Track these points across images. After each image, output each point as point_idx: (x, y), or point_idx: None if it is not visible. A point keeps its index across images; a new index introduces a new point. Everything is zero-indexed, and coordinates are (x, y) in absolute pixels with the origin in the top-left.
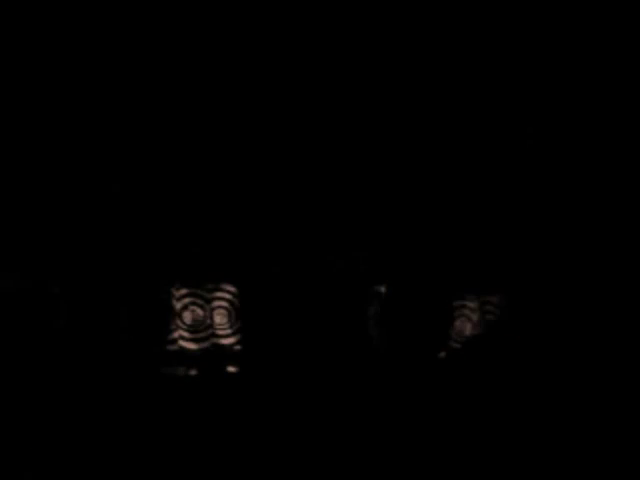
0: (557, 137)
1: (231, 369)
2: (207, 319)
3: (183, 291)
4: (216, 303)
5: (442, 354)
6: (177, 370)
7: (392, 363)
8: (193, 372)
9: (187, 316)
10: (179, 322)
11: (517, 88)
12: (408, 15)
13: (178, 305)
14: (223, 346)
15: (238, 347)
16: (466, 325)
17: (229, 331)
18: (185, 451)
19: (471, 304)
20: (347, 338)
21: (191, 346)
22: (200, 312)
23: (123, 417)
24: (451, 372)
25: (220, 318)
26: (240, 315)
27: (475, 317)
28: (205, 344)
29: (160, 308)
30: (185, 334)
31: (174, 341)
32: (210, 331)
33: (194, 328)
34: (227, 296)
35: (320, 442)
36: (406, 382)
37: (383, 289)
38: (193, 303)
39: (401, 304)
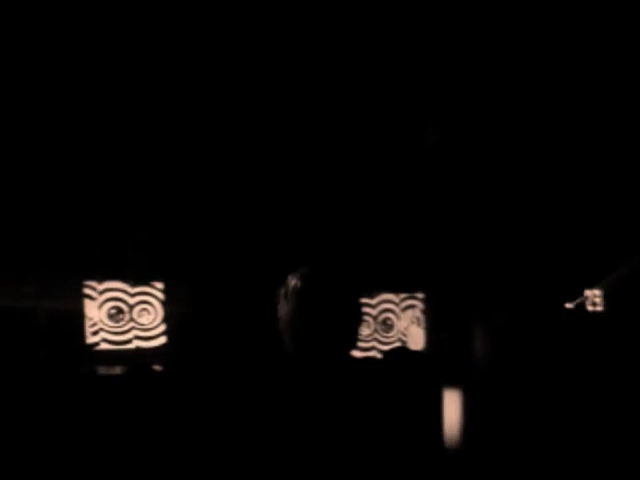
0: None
1: (157, 368)
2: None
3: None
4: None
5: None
6: (102, 370)
7: (302, 362)
8: (119, 371)
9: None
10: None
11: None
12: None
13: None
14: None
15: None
16: (393, 323)
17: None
18: (117, 448)
19: (395, 303)
20: (261, 337)
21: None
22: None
23: (54, 417)
24: (368, 371)
25: (145, 318)
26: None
27: (400, 315)
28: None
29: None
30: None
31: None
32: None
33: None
34: (153, 293)
35: (243, 441)
36: (317, 381)
37: (294, 282)
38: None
39: (313, 302)
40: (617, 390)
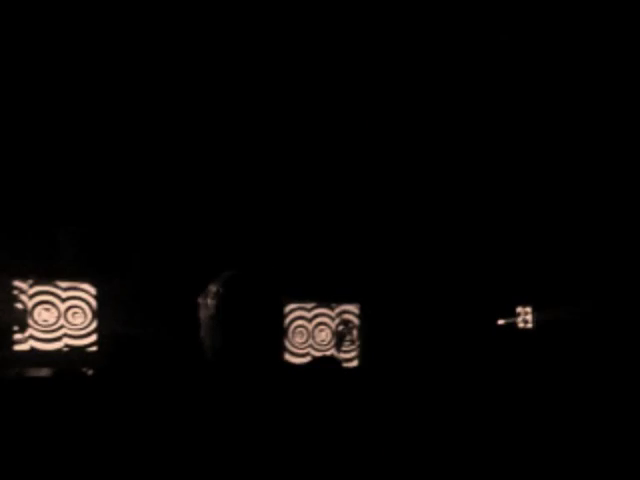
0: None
1: (87, 370)
2: (60, 319)
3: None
4: (70, 303)
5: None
6: (30, 371)
7: (226, 368)
8: (47, 373)
9: (39, 315)
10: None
11: None
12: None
13: (30, 303)
14: (77, 347)
15: (93, 348)
16: (324, 333)
17: (83, 332)
18: (40, 451)
19: (329, 312)
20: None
21: (44, 346)
22: (54, 311)
23: None
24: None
25: (75, 318)
26: (96, 316)
27: (332, 325)
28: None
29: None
30: (38, 334)
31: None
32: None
33: (46, 327)
34: (83, 296)
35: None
36: (243, 387)
37: (215, 288)
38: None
39: (234, 308)
40: (547, 405)
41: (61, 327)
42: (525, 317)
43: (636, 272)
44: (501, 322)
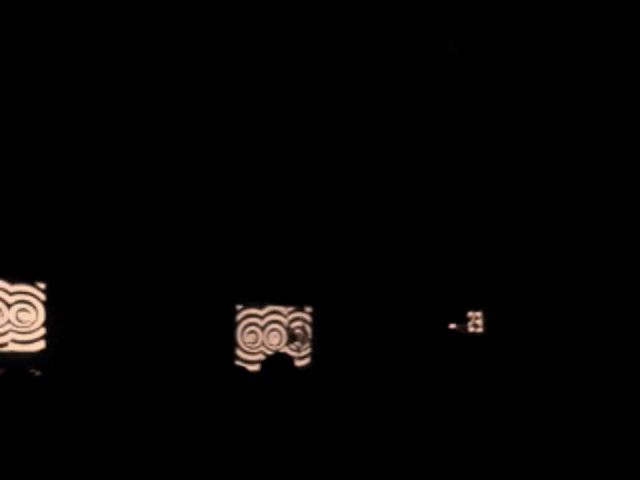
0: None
1: (34, 371)
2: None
3: None
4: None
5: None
6: None
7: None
8: None
9: None
10: None
11: None
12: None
13: None
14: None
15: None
16: (277, 337)
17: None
18: None
19: (283, 318)
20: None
21: None
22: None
23: None
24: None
25: (24, 317)
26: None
27: (284, 329)
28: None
29: None
30: None
31: None
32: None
33: None
34: (31, 299)
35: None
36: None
37: None
38: None
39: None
40: (496, 411)
41: (7, 324)
42: (475, 321)
43: (587, 277)
44: (452, 326)
